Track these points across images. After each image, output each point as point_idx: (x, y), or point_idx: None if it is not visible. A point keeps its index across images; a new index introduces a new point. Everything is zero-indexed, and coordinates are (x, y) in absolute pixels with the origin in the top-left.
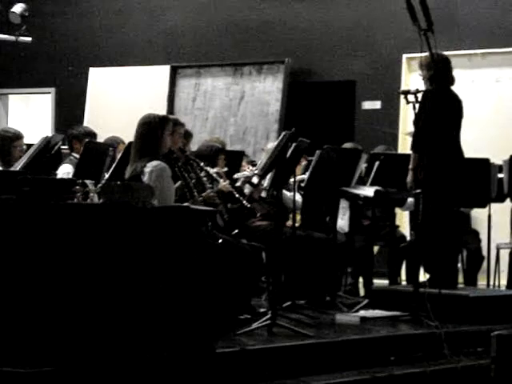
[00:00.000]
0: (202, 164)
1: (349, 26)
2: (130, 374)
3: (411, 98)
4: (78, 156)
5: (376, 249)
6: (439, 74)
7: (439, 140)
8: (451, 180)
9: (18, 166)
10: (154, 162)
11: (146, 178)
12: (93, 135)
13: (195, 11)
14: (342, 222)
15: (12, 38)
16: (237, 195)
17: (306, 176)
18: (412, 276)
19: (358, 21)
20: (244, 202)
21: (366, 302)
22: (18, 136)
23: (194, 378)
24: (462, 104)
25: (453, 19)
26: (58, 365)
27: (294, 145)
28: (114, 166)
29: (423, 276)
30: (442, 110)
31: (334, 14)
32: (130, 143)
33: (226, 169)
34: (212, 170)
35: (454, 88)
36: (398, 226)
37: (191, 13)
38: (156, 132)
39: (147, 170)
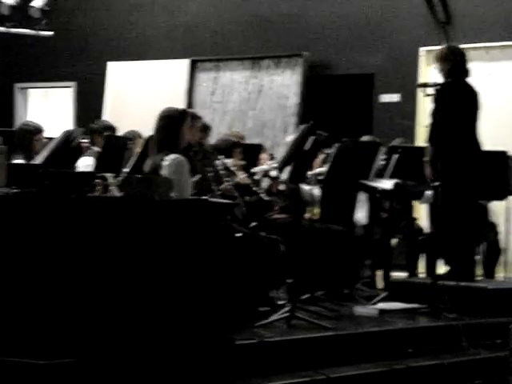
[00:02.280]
0: (220, 157)
1: (367, 19)
2: (151, 365)
3: (429, 90)
4: (98, 149)
5: (394, 241)
6: (456, 66)
7: (456, 133)
8: (469, 173)
9: (38, 160)
10: (173, 156)
11: (164, 171)
12: (112, 129)
13: (214, 5)
14: (361, 215)
15: (32, 32)
16: (254, 188)
17: (324, 169)
18: (430, 268)
19: (376, 14)
20: (262, 195)
21: (384, 294)
22: (38, 129)
23: (213, 370)
24: (478, 96)
25: (471, 12)
26: (79, 356)
27: (312, 138)
28: (134, 159)
29: (441, 268)
30: (459, 103)
31: (352, 7)
32: (150, 137)
33: (244, 162)
34: (230, 163)
35: (471, 80)
36: (416, 219)
37: (210, 7)
38: (175, 126)
39: (165, 163)
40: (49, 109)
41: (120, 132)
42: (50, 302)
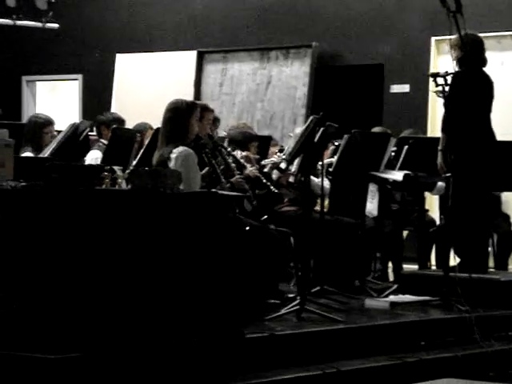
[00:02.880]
0: (229, 149)
1: (376, 9)
2: (160, 359)
3: (440, 80)
4: (106, 142)
5: (405, 233)
6: (469, 55)
7: (469, 122)
8: (482, 163)
9: (46, 153)
10: (180, 148)
11: (172, 164)
12: (121, 121)
13: None
14: (371, 207)
15: (39, 24)
16: (264, 180)
17: (333, 160)
18: (442, 260)
19: (386, 3)
20: (271, 187)
21: (395, 286)
22: (49, 122)
23: (223, 363)
24: (493, 85)
25: (482, 0)
26: (87, 351)
27: (321, 129)
28: (141, 151)
29: (453, 260)
30: (472, 92)
31: None
32: (158, 129)
33: (257, 156)
34: (239, 156)
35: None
36: (427, 211)
37: None
38: (183, 118)
39: (173, 155)
40: (56, 101)
41: (128, 124)
42: (58, 296)
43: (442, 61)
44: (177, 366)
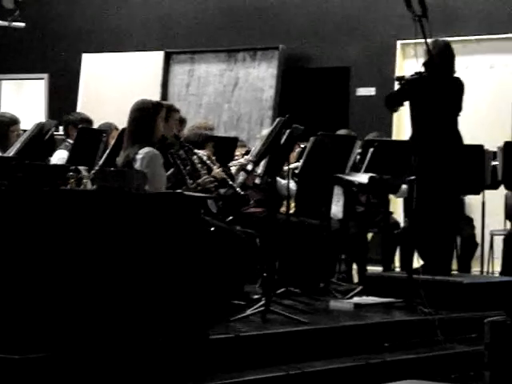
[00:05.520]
0: (195, 150)
1: (343, 12)
2: (125, 359)
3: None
4: (72, 142)
5: (370, 235)
6: (431, 60)
7: (435, 125)
8: (446, 167)
9: (11, 152)
10: (146, 149)
11: (137, 165)
12: (89, 122)
13: None
14: (336, 209)
15: (5, 23)
16: (230, 182)
17: (299, 163)
18: (406, 263)
19: (353, 7)
20: (237, 188)
21: (359, 288)
22: (14, 121)
23: (188, 364)
24: (462, 88)
25: (447, 5)
26: (53, 351)
27: (288, 131)
28: (107, 152)
29: (417, 262)
30: (431, 96)
31: None
32: (124, 129)
33: (214, 157)
34: (205, 157)
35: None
36: (391, 213)
37: None
38: (149, 118)
39: (139, 156)
40: (22, 101)
41: (94, 124)
42: (23, 296)
43: (408, 64)
44: (141, 367)
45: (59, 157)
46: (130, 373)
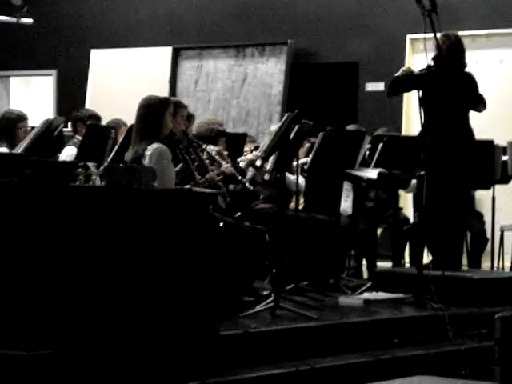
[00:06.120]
0: (204, 146)
1: (352, 7)
2: (133, 356)
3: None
4: (81, 138)
5: (379, 231)
6: (440, 54)
7: (445, 120)
8: (456, 162)
9: (19, 149)
10: (155, 145)
11: (146, 161)
12: (97, 118)
13: None
14: (346, 205)
15: (13, 19)
16: (239, 178)
17: (309, 158)
18: (415, 258)
19: (362, 2)
20: (246, 184)
21: (369, 284)
22: (22, 117)
23: (197, 360)
24: (472, 83)
25: (457, 0)
26: (61, 347)
27: (296, 127)
28: (116, 148)
29: (427, 258)
30: (445, 91)
31: None
32: (132, 126)
33: (226, 152)
34: (214, 152)
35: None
36: (401, 208)
37: None
38: (157, 114)
39: (148, 152)
40: (30, 97)
41: (102, 120)
42: (32, 293)
43: (417, 59)
44: (151, 363)
45: (68, 153)
46: (138, 369)
